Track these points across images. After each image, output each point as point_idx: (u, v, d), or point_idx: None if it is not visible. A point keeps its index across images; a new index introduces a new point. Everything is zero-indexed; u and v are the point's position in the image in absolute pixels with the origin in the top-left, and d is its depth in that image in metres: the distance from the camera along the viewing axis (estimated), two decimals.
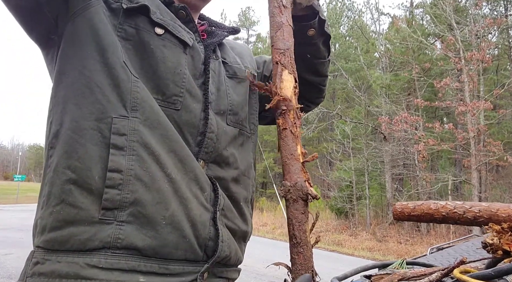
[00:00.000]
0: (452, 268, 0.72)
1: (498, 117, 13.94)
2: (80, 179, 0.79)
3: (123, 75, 0.83)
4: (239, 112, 1.02)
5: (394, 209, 1.05)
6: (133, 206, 0.79)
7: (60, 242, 0.79)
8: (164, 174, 0.83)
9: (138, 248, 0.79)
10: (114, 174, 0.79)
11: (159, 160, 0.82)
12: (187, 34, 0.94)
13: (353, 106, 20.71)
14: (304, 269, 0.70)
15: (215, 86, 0.97)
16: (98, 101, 0.82)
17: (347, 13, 26.40)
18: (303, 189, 0.73)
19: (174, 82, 0.88)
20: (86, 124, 0.81)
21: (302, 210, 0.73)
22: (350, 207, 18.14)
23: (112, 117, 0.81)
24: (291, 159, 0.76)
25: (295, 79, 0.82)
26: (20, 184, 27.50)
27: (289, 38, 0.85)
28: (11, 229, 11.09)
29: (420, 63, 17.14)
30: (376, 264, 1.14)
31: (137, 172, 0.80)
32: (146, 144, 0.82)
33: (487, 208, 0.90)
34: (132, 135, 0.81)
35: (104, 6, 0.87)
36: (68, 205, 0.79)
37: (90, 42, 0.85)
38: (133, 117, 0.82)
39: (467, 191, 15.17)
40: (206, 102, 0.93)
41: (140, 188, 0.80)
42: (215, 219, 0.89)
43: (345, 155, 19.39)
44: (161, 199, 0.81)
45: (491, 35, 16.40)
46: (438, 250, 1.79)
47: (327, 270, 5.93)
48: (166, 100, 0.87)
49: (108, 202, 0.78)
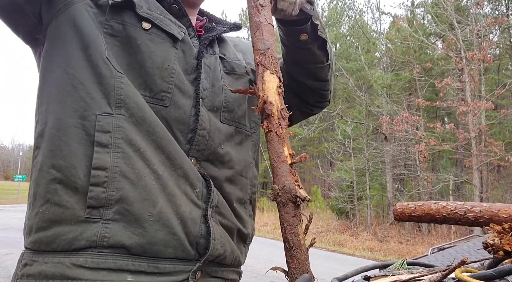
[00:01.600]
0: (453, 268, 0.72)
1: (499, 117, 13.90)
2: (65, 178, 0.79)
3: (106, 71, 0.82)
4: (235, 109, 0.99)
5: (394, 210, 1.05)
6: (119, 203, 0.78)
7: (46, 242, 0.78)
8: (151, 170, 0.81)
9: (125, 246, 0.78)
10: (98, 172, 0.78)
11: (145, 156, 0.81)
12: (177, 28, 0.91)
13: (354, 106, 20.70)
14: (299, 272, 0.69)
15: (209, 81, 0.94)
16: (81, 99, 0.81)
17: (348, 13, 26.37)
18: (291, 191, 0.72)
19: (162, 78, 0.86)
20: (70, 122, 0.81)
21: (292, 213, 0.71)
22: (351, 207, 18.13)
23: (96, 114, 0.80)
24: (278, 162, 0.74)
25: (279, 79, 0.80)
26: (20, 184, 27.51)
27: (269, 37, 0.83)
28: (11, 229, 11.11)
29: (421, 62, 17.12)
30: (376, 265, 1.14)
31: (122, 169, 0.79)
32: (131, 140, 0.81)
33: (488, 209, 0.89)
34: (116, 132, 0.80)
35: (89, 3, 0.86)
36: (53, 204, 0.78)
37: (73, 39, 0.84)
38: (118, 114, 0.81)
39: (468, 191, 15.14)
40: (197, 98, 0.91)
41: (125, 185, 0.78)
42: (206, 216, 0.87)
43: (346, 155, 19.38)
44: (148, 196, 0.80)
45: (493, 34, 16.38)
46: (439, 250, 1.79)
47: (328, 270, 5.93)
48: (154, 97, 0.86)
49: (93, 200, 0.77)
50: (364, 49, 22.09)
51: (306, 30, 0.99)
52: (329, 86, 1.17)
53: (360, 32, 23.81)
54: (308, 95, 1.15)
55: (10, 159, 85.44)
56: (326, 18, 25.49)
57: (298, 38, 1.00)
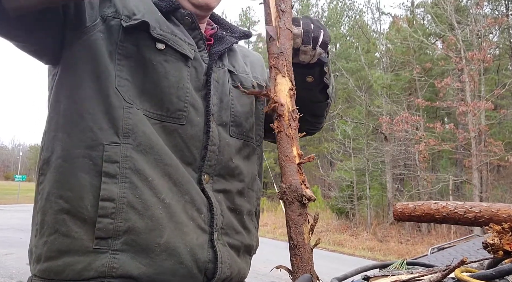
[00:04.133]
0: (453, 268, 0.72)
1: (499, 117, 13.91)
2: (73, 208, 0.80)
3: (116, 101, 0.83)
4: (242, 123, 1.01)
5: (394, 210, 1.05)
6: (127, 234, 0.79)
7: (56, 272, 0.80)
8: (158, 199, 0.82)
9: (133, 277, 0.79)
10: (106, 203, 0.79)
11: (152, 185, 0.82)
12: (189, 47, 0.93)
13: (354, 106, 20.70)
14: (302, 272, 0.70)
15: (217, 96, 0.96)
16: (89, 129, 0.82)
17: (347, 13, 26.38)
18: (297, 190, 0.73)
19: (178, 97, 0.88)
20: (77, 153, 0.81)
21: (298, 212, 0.72)
22: (351, 207, 18.13)
23: (103, 144, 0.81)
24: (286, 161, 0.76)
25: (291, 82, 0.82)
26: (20, 184, 27.53)
27: (286, 41, 0.84)
28: (12, 229, 11.10)
29: (421, 63, 17.13)
30: (376, 265, 1.14)
31: (129, 199, 0.80)
32: (139, 170, 0.81)
33: (487, 208, 0.89)
34: (124, 162, 0.81)
35: (102, 27, 0.86)
36: (62, 235, 0.80)
37: (86, 67, 0.85)
38: (125, 143, 0.82)
39: (468, 191, 15.15)
40: (207, 115, 0.92)
41: (133, 216, 0.80)
42: (213, 240, 0.88)
43: (346, 155, 19.38)
44: (155, 226, 0.81)
45: (492, 34, 16.41)
46: (439, 250, 1.79)
47: (328, 270, 5.93)
48: (171, 116, 0.87)
49: (101, 231, 0.78)
50: (364, 49, 22.07)
51: (314, 74, 1.02)
52: (323, 120, 1.19)
53: (360, 32, 23.79)
54: (301, 125, 1.15)
55: (10, 159, 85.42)
56: (326, 18, 25.50)
57: (304, 79, 1.02)
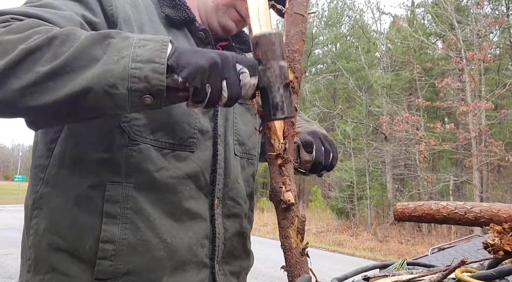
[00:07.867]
0: (453, 268, 0.71)
1: (499, 117, 13.90)
2: (71, 248, 0.78)
3: (120, 139, 0.81)
4: (245, 142, 1.00)
5: (394, 210, 1.05)
6: (127, 276, 0.78)
7: None
8: (160, 240, 0.81)
9: None
10: (106, 245, 0.77)
11: (154, 225, 0.81)
12: None
13: (354, 106, 20.69)
14: (291, 276, 0.68)
15: (223, 116, 0.96)
16: (91, 168, 0.80)
17: (348, 13, 26.35)
18: (278, 194, 0.71)
19: (189, 124, 0.87)
20: (78, 192, 0.80)
21: (282, 215, 0.70)
22: (351, 207, 18.12)
23: (105, 184, 0.79)
24: (270, 163, 0.74)
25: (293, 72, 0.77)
26: (20, 184, 27.46)
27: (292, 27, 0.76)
28: (11, 229, 11.09)
29: (421, 62, 17.10)
30: (376, 265, 1.14)
31: (130, 241, 0.79)
32: (140, 210, 0.80)
33: (488, 209, 0.89)
34: (125, 202, 0.79)
35: None
36: (59, 273, 0.78)
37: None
38: (127, 182, 0.80)
39: (468, 192, 15.14)
40: (215, 137, 0.92)
41: (133, 258, 0.79)
42: (214, 273, 0.89)
43: (346, 155, 19.37)
44: (156, 267, 0.80)
45: (493, 34, 16.38)
46: (439, 250, 1.79)
47: (328, 271, 5.92)
48: (183, 144, 0.86)
49: (101, 273, 0.77)
50: (364, 49, 22.05)
51: (307, 174, 1.05)
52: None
53: (360, 32, 23.78)
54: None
55: (10, 159, 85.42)
56: (326, 18, 25.49)
57: (296, 169, 1.01)
